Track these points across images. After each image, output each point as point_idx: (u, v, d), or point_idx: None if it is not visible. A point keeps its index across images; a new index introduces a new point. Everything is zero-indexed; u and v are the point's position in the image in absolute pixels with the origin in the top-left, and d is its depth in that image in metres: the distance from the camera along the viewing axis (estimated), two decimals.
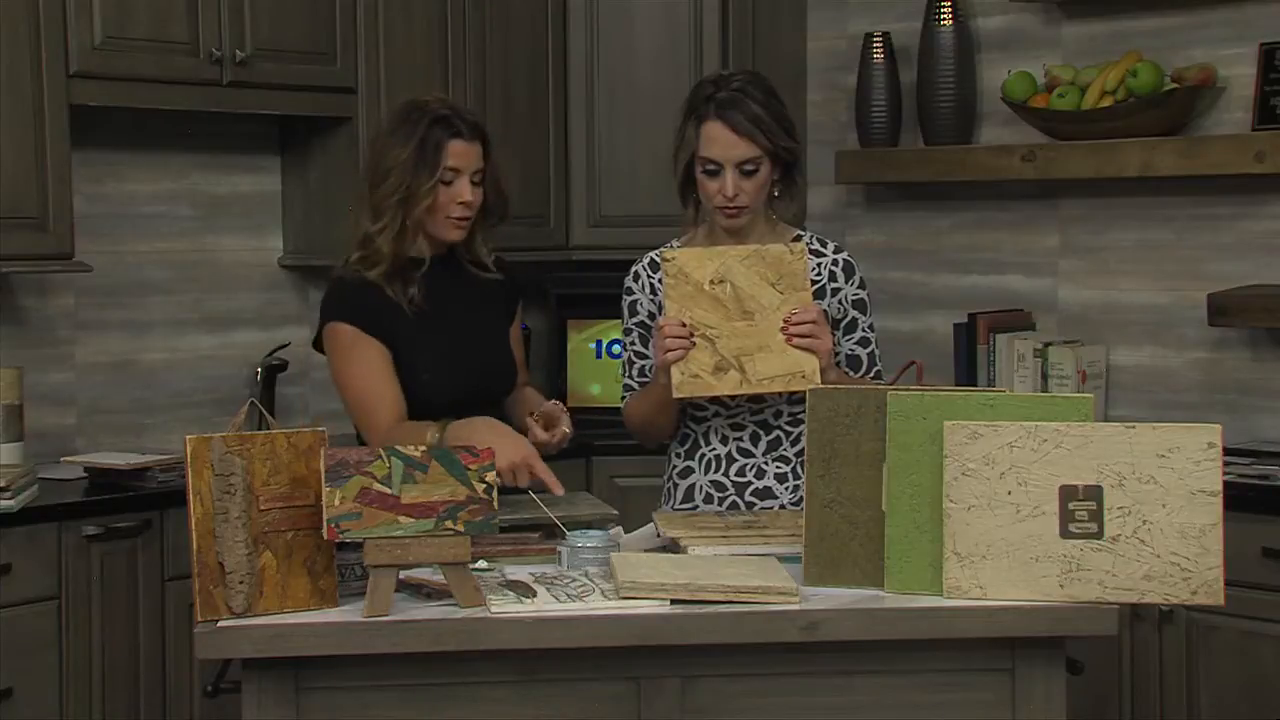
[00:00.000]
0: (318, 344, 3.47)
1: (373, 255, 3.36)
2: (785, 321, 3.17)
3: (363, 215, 3.38)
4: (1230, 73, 4.57)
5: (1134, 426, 2.72)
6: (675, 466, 3.47)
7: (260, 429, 2.78)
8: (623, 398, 3.49)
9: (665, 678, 2.69)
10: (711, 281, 3.18)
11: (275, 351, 4.84)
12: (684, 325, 3.16)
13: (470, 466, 2.69)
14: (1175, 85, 4.56)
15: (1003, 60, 5.01)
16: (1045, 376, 4.75)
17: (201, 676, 3.99)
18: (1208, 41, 4.62)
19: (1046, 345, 4.78)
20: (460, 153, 3.35)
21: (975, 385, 4.77)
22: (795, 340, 3.17)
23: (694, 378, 3.18)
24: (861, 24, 5.29)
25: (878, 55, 5.16)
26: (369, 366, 3.35)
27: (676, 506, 3.42)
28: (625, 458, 4.71)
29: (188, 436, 2.64)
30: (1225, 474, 2.75)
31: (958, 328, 4.96)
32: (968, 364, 4.91)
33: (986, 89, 5.04)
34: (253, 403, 2.98)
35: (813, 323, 3.17)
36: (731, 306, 3.19)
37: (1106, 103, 4.64)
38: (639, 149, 5.12)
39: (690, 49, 5.17)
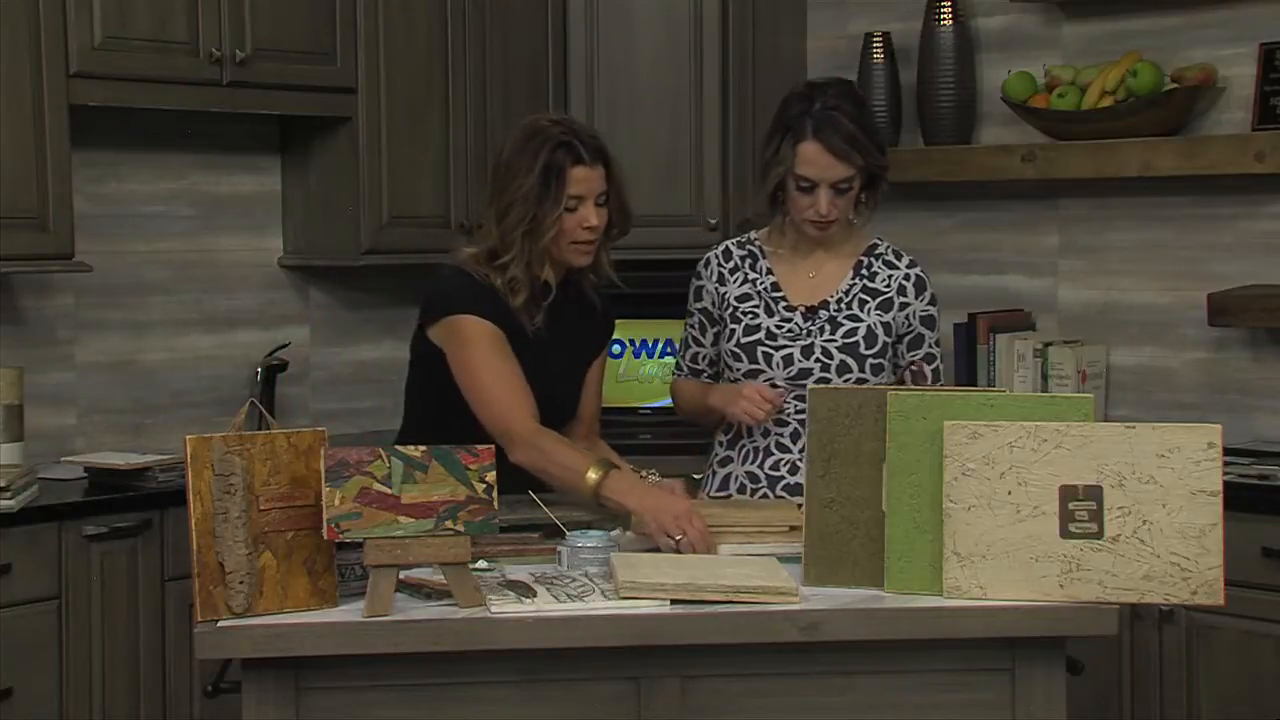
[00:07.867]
0: (425, 328, 3.35)
1: (513, 284, 3.28)
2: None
3: (494, 237, 3.30)
4: (1230, 73, 4.57)
5: (1134, 426, 2.71)
6: (717, 455, 3.54)
7: (260, 429, 2.77)
8: (674, 374, 3.64)
9: (665, 678, 2.69)
10: None
11: (275, 351, 4.84)
12: (770, 404, 3.27)
13: (470, 466, 2.68)
14: (1175, 85, 4.55)
15: (1003, 60, 5.00)
16: (1045, 376, 4.75)
17: (201, 676, 3.99)
18: (1208, 41, 4.61)
19: (1046, 345, 4.78)
20: (583, 178, 3.26)
21: (975, 385, 4.77)
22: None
23: None
24: (861, 24, 5.28)
25: (878, 55, 5.15)
26: (511, 366, 3.26)
27: (713, 494, 3.47)
28: (625, 458, 4.69)
29: (188, 436, 2.64)
30: (1225, 474, 2.75)
31: (958, 328, 4.95)
32: (968, 364, 4.91)
33: (986, 89, 5.03)
34: (253, 403, 2.98)
35: None
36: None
37: (1106, 103, 4.63)
38: (639, 149, 5.10)
39: (690, 49, 5.16)
